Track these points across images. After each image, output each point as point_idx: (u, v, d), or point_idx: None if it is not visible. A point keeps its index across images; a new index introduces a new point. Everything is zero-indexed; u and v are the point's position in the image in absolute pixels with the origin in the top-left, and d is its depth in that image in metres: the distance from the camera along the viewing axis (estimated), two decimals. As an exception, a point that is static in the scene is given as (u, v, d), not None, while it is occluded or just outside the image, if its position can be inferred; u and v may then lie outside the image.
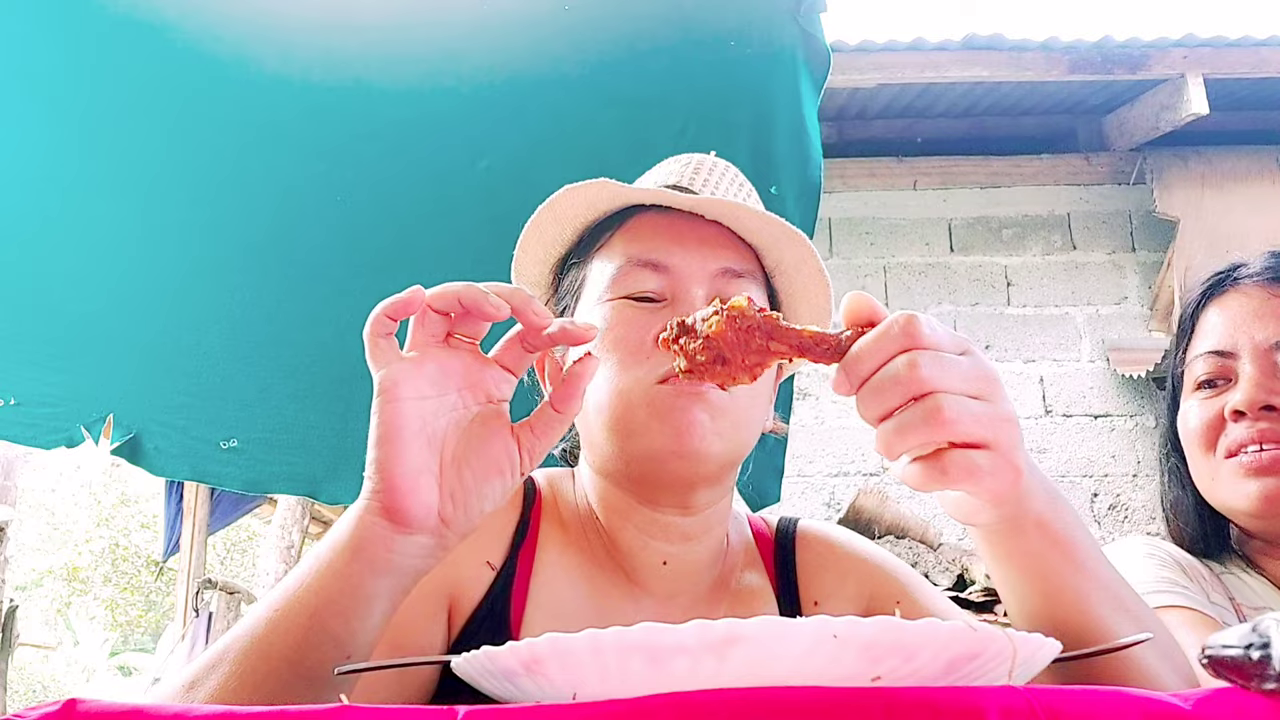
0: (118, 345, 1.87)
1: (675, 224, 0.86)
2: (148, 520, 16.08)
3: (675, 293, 0.83)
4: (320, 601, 0.59)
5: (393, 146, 1.83)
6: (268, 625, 0.60)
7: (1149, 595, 1.10)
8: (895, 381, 0.54)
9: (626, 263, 0.85)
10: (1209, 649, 0.44)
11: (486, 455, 0.62)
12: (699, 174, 0.92)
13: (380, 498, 0.59)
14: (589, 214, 0.91)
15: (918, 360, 0.54)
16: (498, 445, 0.62)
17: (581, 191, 0.89)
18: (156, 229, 1.85)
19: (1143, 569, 1.12)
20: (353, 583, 0.59)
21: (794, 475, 4.36)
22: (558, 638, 0.46)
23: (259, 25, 1.74)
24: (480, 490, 0.62)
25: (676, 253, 0.84)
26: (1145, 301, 4.72)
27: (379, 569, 0.59)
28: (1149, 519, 4.44)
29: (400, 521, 0.59)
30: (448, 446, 0.61)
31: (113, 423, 1.86)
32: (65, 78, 1.75)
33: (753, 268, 0.88)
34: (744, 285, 0.85)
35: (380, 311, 0.59)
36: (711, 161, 0.96)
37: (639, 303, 0.84)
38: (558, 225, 0.93)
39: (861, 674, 0.44)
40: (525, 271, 0.97)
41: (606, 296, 0.85)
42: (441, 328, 0.62)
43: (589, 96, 1.78)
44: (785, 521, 0.96)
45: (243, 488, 2.01)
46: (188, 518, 4.99)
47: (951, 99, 4.73)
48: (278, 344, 1.91)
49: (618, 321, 0.83)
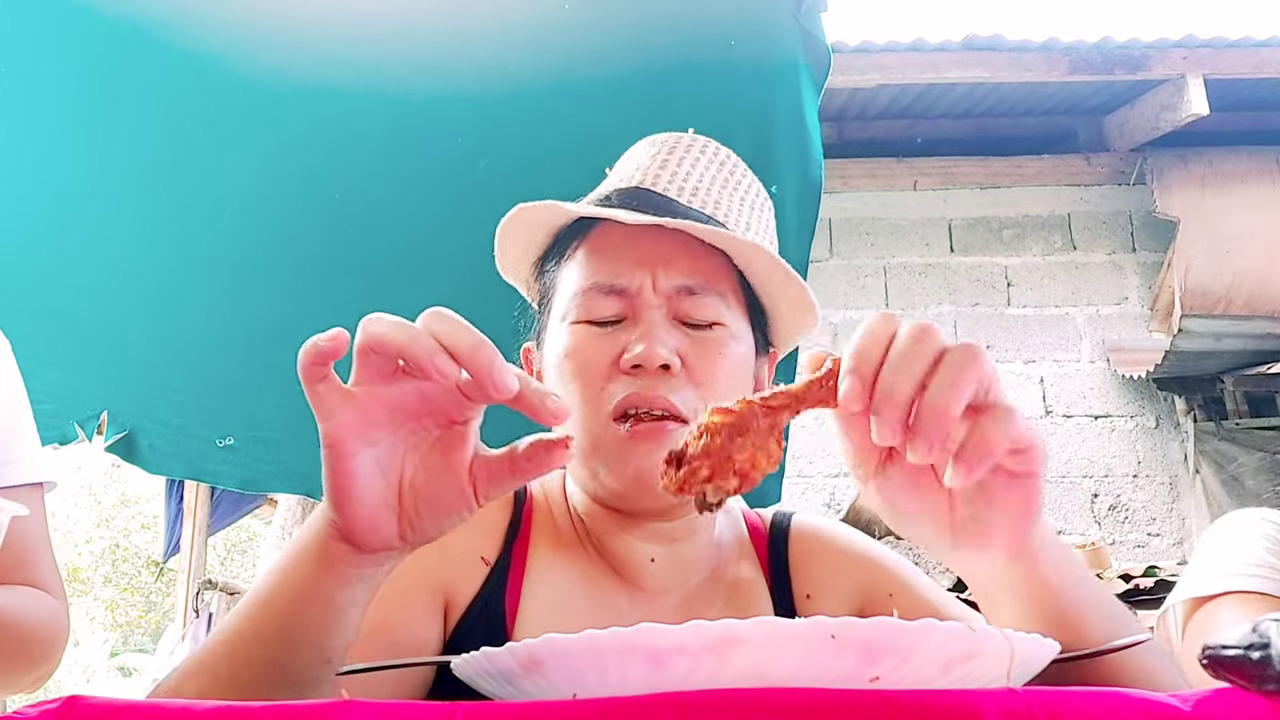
0: (113, 342, 1.87)
1: (635, 238, 0.86)
2: (148, 521, 16.08)
3: (634, 314, 0.84)
4: (293, 611, 0.59)
5: (391, 145, 1.83)
6: (245, 634, 0.60)
7: (1228, 579, 1.12)
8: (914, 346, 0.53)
9: (585, 286, 0.85)
10: (1209, 649, 0.43)
11: (442, 498, 0.58)
12: (666, 167, 0.91)
13: (339, 529, 0.57)
14: (553, 222, 0.92)
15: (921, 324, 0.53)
16: (452, 485, 0.58)
17: (534, 211, 0.90)
18: (151, 226, 1.85)
19: (1243, 549, 1.14)
20: (323, 595, 0.59)
21: (794, 475, 4.36)
22: (556, 638, 0.46)
23: (258, 26, 1.74)
24: (437, 524, 0.59)
25: (634, 275, 0.84)
26: (1145, 302, 4.72)
27: (347, 582, 0.59)
28: (1149, 519, 4.44)
29: (363, 548, 0.58)
30: (406, 473, 0.58)
31: (107, 420, 1.86)
32: (64, 78, 1.75)
33: (716, 279, 0.86)
34: (700, 302, 0.84)
35: (304, 360, 0.53)
36: (686, 144, 0.94)
37: (599, 326, 0.84)
38: (528, 231, 0.93)
39: (859, 674, 0.44)
40: (509, 270, 0.99)
41: (570, 318, 0.85)
42: (389, 365, 0.55)
43: (588, 96, 1.78)
44: (780, 516, 0.96)
45: (239, 486, 2.01)
46: (188, 518, 4.99)
47: (952, 100, 4.73)
48: (273, 341, 1.90)
49: (576, 349, 0.83)
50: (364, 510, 0.56)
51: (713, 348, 0.83)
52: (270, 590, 0.61)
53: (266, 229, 1.87)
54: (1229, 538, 1.22)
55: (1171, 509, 4.46)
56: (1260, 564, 1.13)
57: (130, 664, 16.06)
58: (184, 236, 1.86)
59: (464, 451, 0.58)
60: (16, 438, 1.13)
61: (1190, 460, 4.41)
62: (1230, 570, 1.16)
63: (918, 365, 0.52)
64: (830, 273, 4.70)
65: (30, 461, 1.14)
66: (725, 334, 0.85)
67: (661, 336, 0.81)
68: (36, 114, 1.77)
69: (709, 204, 0.89)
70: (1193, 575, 1.21)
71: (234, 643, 0.60)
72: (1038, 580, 0.61)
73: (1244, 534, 1.20)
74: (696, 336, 0.84)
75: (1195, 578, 1.20)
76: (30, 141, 1.78)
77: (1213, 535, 1.26)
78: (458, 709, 0.43)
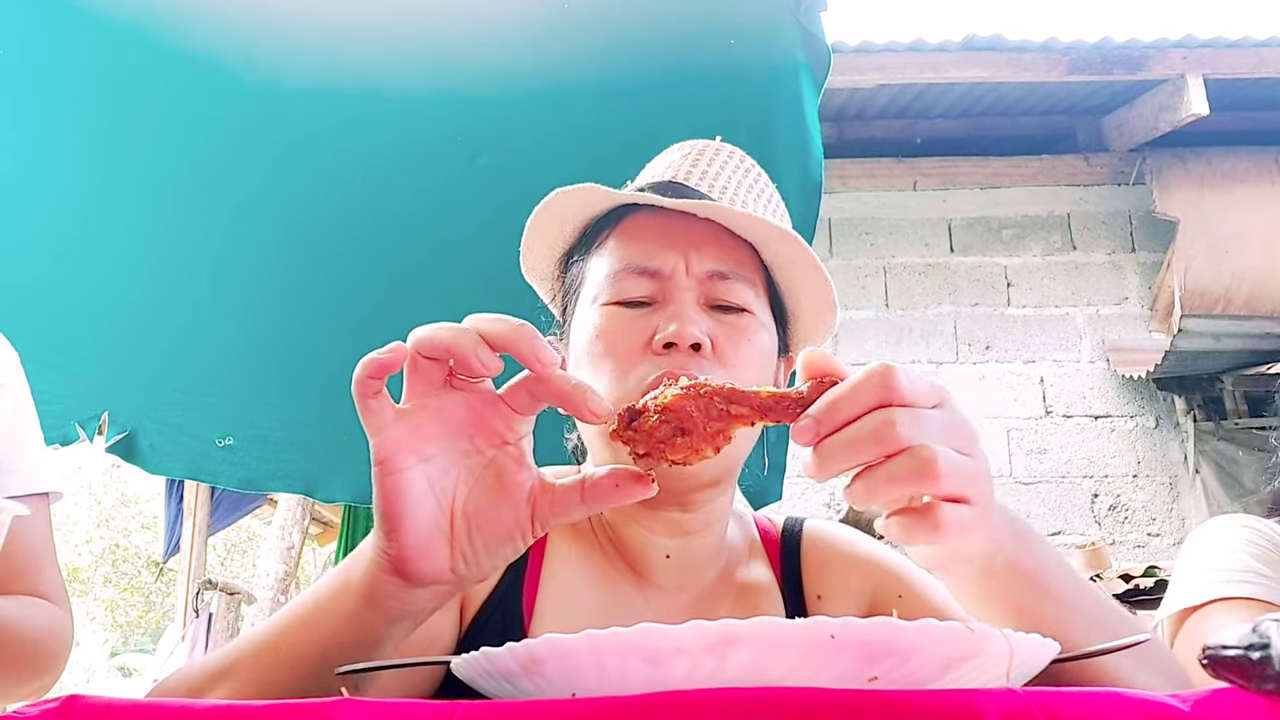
0: (113, 343, 1.87)
1: (667, 225, 0.86)
2: (148, 521, 16.09)
3: (665, 297, 0.84)
4: (331, 640, 0.59)
5: (391, 145, 1.83)
6: (276, 653, 0.60)
7: (1218, 585, 1.11)
8: (874, 436, 0.52)
9: (618, 268, 0.86)
10: (1209, 649, 0.43)
11: (497, 523, 0.57)
12: (697, 166, 0.93)
13: (391, 559, 0.56)
14: (585, 212, 0.92)
15: (896, 418, 0.52)
16: (507, 512, 0.57)
17: (571, 195, 0.90)
18: (151, 227, 1.85)
19: (1226, 556, 1.14)
20: (365, 629, 0.59)
21: (794, 476, 4.35)
22: (556, 638, 0.46)
23: (255, 26, 1.73)
24: (490, 554, 0.58)
25: (668, 257, 0.85)
26: (1145, 302, 4.72)
27: (391, 618, 0.59)
28: (1149, 519, 4.44)
29: (412, 580, 0.57)
30: (459, 498, 0.57)
31: (108, 420, 1.86)
32: (64, 79, 1.75)
33: (745, 268, 0.87)
34: (733, 287, 0.85)
35: (361, 374, 0.53)
36: (714, 149, 0.96)
37: (630, 308, 0.84)
38: (557, 223, 0.94)
39: (858, 674, 0.44)
40: (534, 266, 0.99)
41: (600, 301, 0.86)
42: (439, 372, 0.56)
43: (588, 95, 1.78)
44: (792, 520, 0.97)
45: (238, 485, 2.01)
46: (188, 518, 4.98)
47: (951, 99, 4.73)
48: (273, 341, 1.91)
49: (608, 329, 0.83)
50: (415, 532, 0.55)
51: (742, 333, 0.84)
52: (309, 608, 0.61)
53: (266, 229, 1.87)
54: (1210, 546, 1.21)
55: (1171, 509, 4.46)
56: (1244, 569, 1.12)
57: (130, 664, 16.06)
58: (184, 237, 1.86)
59: (520, 475, 0.58)
60: (22, 446, 1.13)
61: (1190, 460, 4.42)
62: (1215, 578, 1.15)
63: (873, 450, 0.53)
64: (830, 273, 4.67)
65: (36, 471, 1.13)
66: (754, 321, 0.85)
67: (694, 317, 0.81)
68: (36, 114, 1.77)
69: (737, 201, 0.91)
70: (1177, 587, 1.21)
71: (262, 665, 0.60)
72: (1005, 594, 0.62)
73: (1224, 541, 1.19)
74: (727, 321, 0.84)
75: (1180, 589, 1.19)
76: (30, 142, 1.78)
77: (1193, 544, 1.25)
78: (457, 708, 0.43)
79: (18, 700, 1.08)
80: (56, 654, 1.09)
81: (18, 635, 1.03)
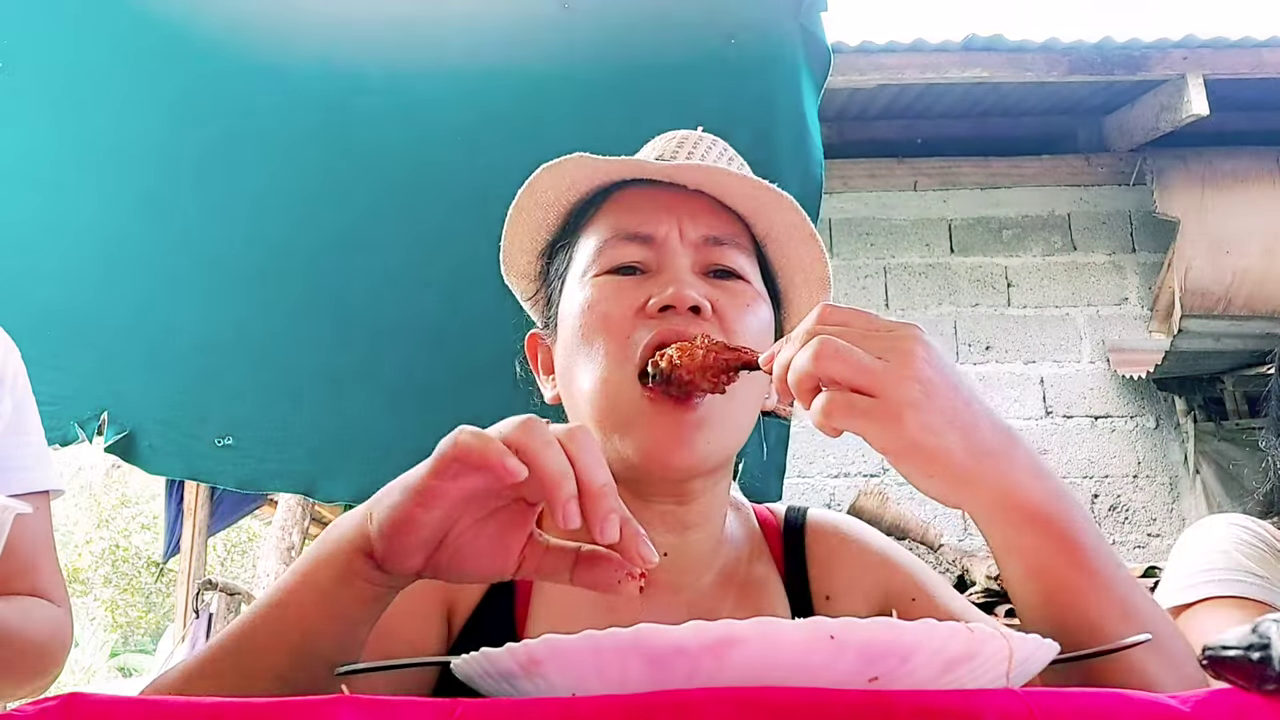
0: (112, 342, 1.87)
1: (658, 196, 0.85)
2: (148, 521, 16.09)
3: (660, 263, 0.82)
4: (306, 620, 0.61)
5: (390, 143, 1.83)
6: (254, 644, 0.61)
7: (1205, 585, 1.11)
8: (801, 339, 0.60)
9: (610, 236, 0.84)
10: (1209, 650, 0.43)
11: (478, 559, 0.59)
12: (683, 148, 0.91)
13: (374, 548, 0.58)
14: (571, 194, 0.90)
15: (815, 330, 0.60)
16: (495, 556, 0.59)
17: (560, 169, 0.87)
18: (150, 226, 1.84)
19: (1218, 555, 1.13)
20: (340, 609, 0.60)
21: (794, 476, 4.35)
22: (555, 638, 0.46)
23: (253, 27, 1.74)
24: (459, 578, 0.61)
25: (661, 222, 0.83)
26: (1146, 302, 4.72)
27: (366, 599, 0.61)
28: (1149, 520, 4.44)
29: (389, 571, 0.59)
30: (457, 527, 0.58)
31: (107, 420, 1.86)
32: (63, 79, 1.75)
33: (739, 236, 0.86)
34: (729, 253, 0.84)
35: (468, 459, 0.54)
36: (697, 136, 0.94)
37: (622, 275, 0.82)
38: (540, 210, 0.92)
39: (858, 675, 0.44)
40: (513, 263, 0.96)
41: (591, 272, 0.83)
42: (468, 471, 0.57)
43: (589, 95, 1.78)
44: (794, 511, 0.94)
45: (237, 485, 2.01)
46: (188, 519, 4.98)
47: (952, 100, 4.73)
48: (274, 341, 1.91)
49: (600, 298, 0.81)
50: (407, 543, 0.58)
51: (741, 298, 0.82)
52: (283, 598, 0.62)
53: (265, 229, 1.87)
54: (1202, 545, 1.21)
55: (1171, 509, 4.46)
56: (1235, 568, 1.12)
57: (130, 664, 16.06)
58: (183, 237, 1.86)
59: (522, 531, 0.60)
60: (24, 445, 1.13)
61: (1190, 460, 4.41)
62: (1206, 577, 1.15)
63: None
64: (830, 273, 4.68)
65: (37, 469, 1.13)
66: (752, 290, 0.84)
67: (692, 280, 0.80)
68: (36, 115, 1.77)
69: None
70: (1168, 585, 1.20)
71: (242, 652, 0.61)
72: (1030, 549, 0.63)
73: (1216, 540, 1.19)
74: (725, 286, 0.82)
75: (1171, 587, 1.19)
76: (30, 142, 1.78)
77: (1185, 543, 1.25)
78: (457, 705, 0.43)
79: (17, 699, 1.08)
80: (56, 654, 1.09)
81: (17, 635, 1.03)
